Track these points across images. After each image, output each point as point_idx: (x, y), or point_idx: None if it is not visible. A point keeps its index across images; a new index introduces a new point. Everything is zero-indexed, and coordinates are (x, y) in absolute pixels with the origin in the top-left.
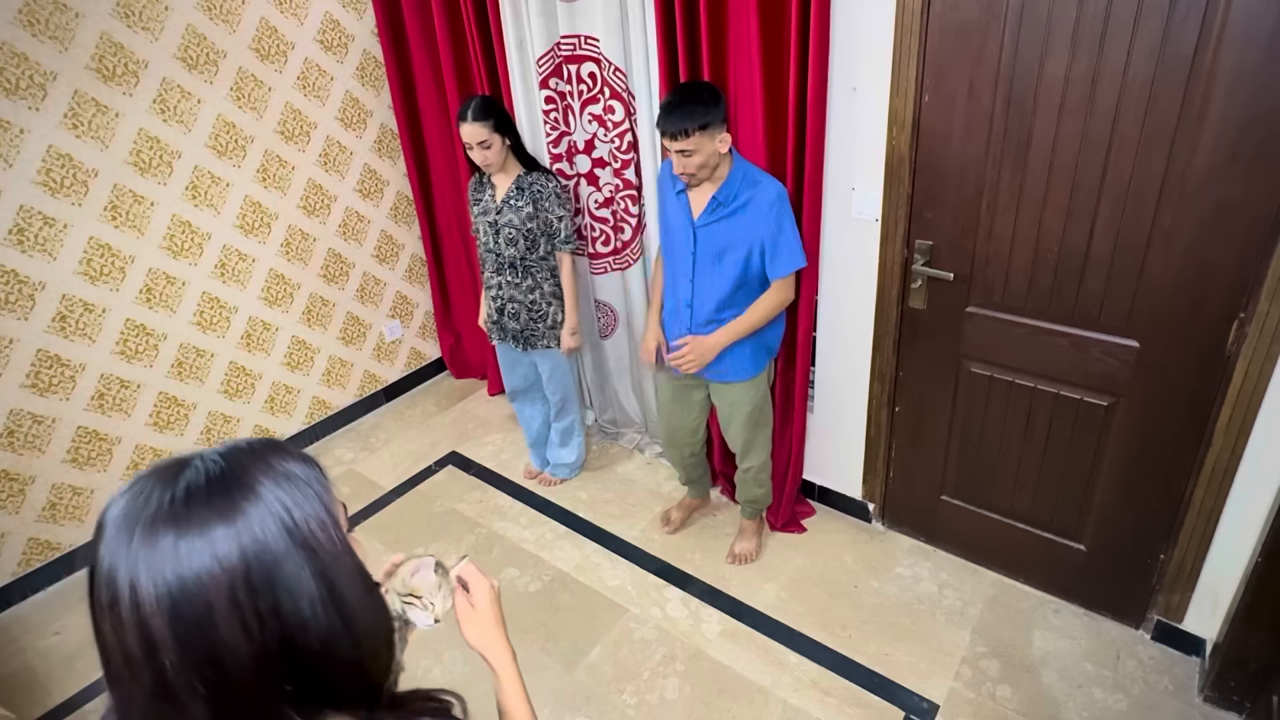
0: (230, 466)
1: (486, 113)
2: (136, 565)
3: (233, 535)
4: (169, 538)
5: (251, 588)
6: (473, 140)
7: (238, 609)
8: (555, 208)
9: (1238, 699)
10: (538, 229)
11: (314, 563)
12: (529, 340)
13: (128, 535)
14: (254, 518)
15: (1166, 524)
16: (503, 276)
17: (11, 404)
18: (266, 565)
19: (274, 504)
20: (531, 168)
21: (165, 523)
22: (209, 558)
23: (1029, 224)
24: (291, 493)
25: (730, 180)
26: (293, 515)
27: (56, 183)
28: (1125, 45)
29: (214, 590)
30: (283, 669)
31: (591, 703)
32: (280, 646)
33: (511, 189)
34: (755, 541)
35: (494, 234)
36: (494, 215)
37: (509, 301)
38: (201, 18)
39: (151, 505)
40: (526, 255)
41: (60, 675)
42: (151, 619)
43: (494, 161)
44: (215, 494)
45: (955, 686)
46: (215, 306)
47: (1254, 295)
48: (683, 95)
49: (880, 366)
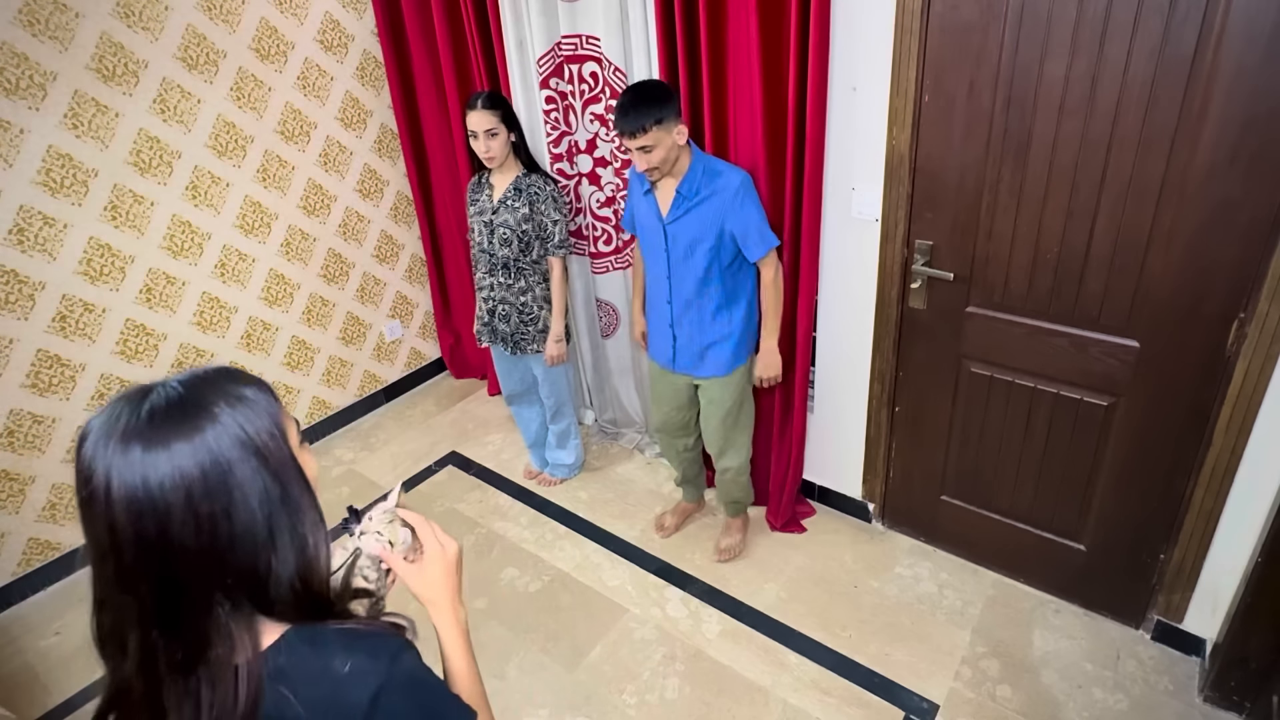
0: (189, 392)
1: (497, 103)
2: (110, 469)
3: (190, 451)
4: (137, 449)
5: (207, 493)
6: (481, 127)
7: (193, 511)
8: (551, 211)
9: (1238, 699)
10: (532, 231)
11: (265, 468)
12: (519, 344)
13: (105, 444)
14: (210, 435)
15: (1166, 524)
16: (495, 278)
17: (11, 404)
18: (221, 473)
19: (230, 424)
20: (531, 169)
21: (134, 436)
22: (170, 468)
23: (1029, 224)
24: (244, 412)
25: (691, 173)
26: (246, 430)
27: (56, 183)
28: (1125, 45)
29: (172, 495)
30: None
31: (591, 703)
32: (228, 545)
33: (509, 189)
34: (740, 536)
35: (489, 234)
36: (489, 215)
37: (500, 303)
38: (201, 18)
39: (122, 422)
40: (520, 257)
41: (60, 675)
42: (117, 515)
43: (497, 154)
44: (176, 414)
45: (955, 686)
46: (215, 306)
47: (1254, 295)
48: (634, 95)
49: (880, 366)
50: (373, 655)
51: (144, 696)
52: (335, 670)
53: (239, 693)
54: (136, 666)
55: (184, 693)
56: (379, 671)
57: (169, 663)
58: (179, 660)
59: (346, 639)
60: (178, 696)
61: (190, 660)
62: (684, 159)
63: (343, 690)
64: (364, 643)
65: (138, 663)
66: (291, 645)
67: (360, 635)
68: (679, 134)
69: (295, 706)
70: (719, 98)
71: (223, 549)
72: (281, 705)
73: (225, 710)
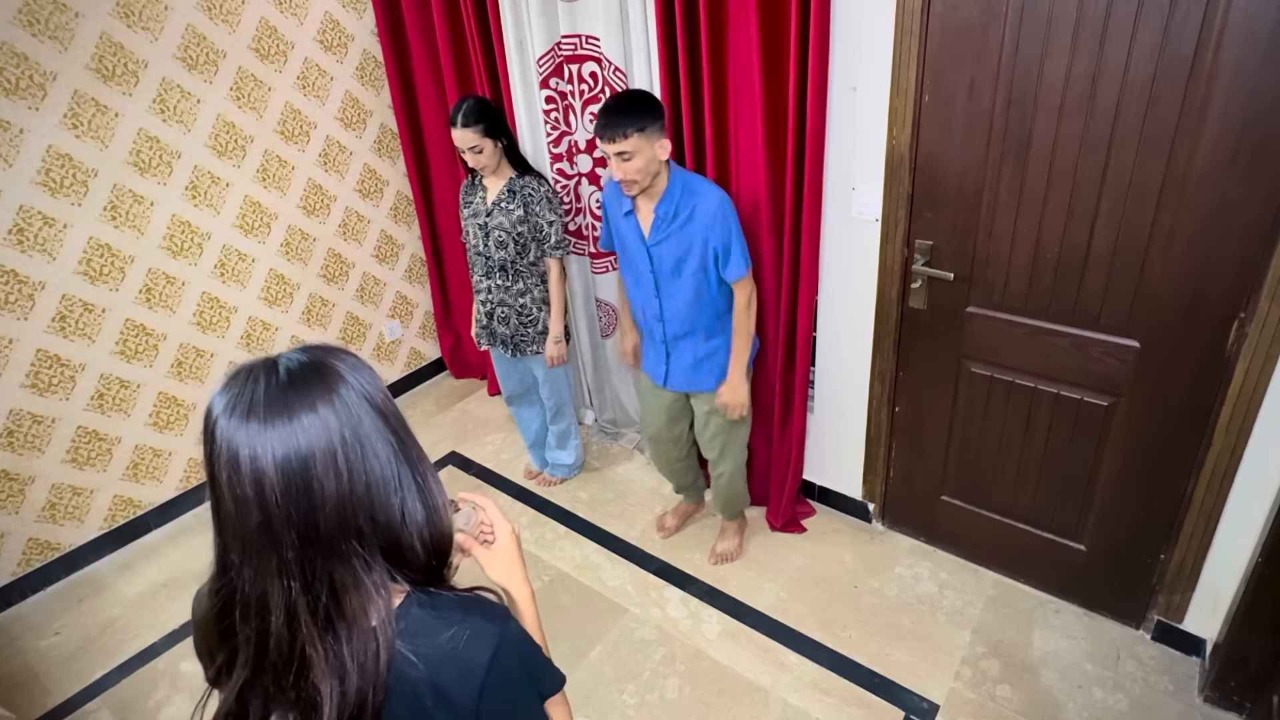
0: (313, 359)
1: (478, 116)
2: (254, 440)
3: (332, 410)
4: (280, 406)
5: (344, 440)
6: (463, 145)
7: (332, 455)
8: (546, 212)
9: (1238, 699)
10: (528, 233)
11: (386, 423)
12: (519, 346)
13: (243, 418)
14: (344, 395)
15: (1166, 524)
16: (492, 280)
17: (11, 404)
18: (355, 427)
19: (354, 383)
20: (524, 171)
21: (275, 396)
22: (319, 428)
23: (1029, 224)
24: (362, 373)
25: (670, 192)
26: (367, 389)
27: (56, 183)
28: (1125, 45)
29: (321, 451)
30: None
31: (591, 703)
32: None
33: (503, 191)
34: (737, 540)
35: (484, 236)
36: (484, 218)
37: (499, 306)
38: (201, 18)
39: (260, 392)
40: (517, 260)
41: (60, 675)
42: (265, 477)
43: (488, 165)
44: (311, 379)
45: (955, 686)
46: (215, 306)
47: (1254, 295)
48: (620, 100)
49: (880, 366)
50: (488, 618)
51: (289, 651)
52: (457, 632)
53: (378, 647)
54: (284, 621)
55: (327, 646)
56: (495, 633)
57: (310, 615)
58: (322, 613)
59: (463, 604)
60: (323, 649)
61: (331, 613)
62: (662, 177)
63: (465, 650)
64: (479, 607)
65: (284, 617)
66: (412, 609)
67: (474, 601)
68: (661, 148)
69: (418, 666)
70: (719, 98)
71: (360, 496)
72: (404, 664)
73: (366, 664)
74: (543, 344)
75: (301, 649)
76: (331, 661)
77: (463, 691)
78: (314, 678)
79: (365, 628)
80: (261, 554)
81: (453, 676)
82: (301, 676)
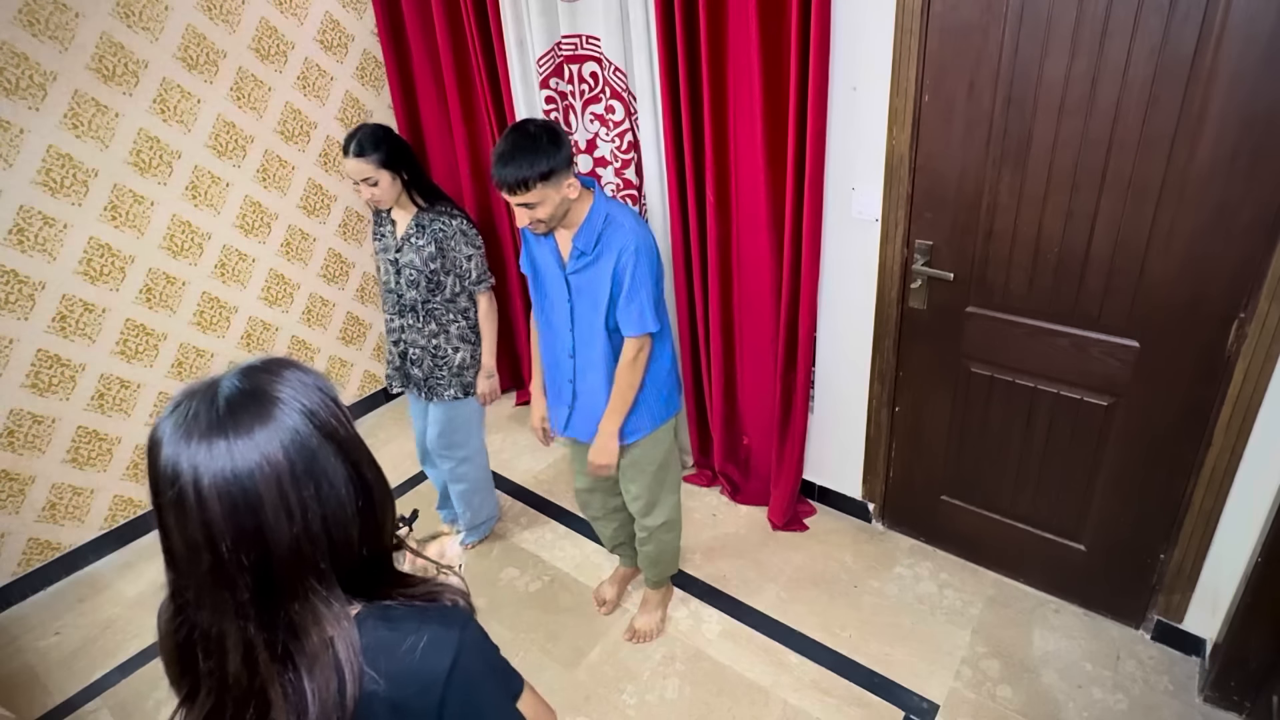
0: (253, 382)
1: (374, 145)
2: (196, 466)
3: (273, 434)
4: (222, 443)
5: (295, 478)
6: (356, 176)
7: (284, 497)
8: (463, 247)
9: (1238, 699)
10: (441, 270)
11: (338, 449)
12: (432, 389)
13: (185, 441)
14: (284, 419)
15: (1166, 524)
16: (404, 319)
17: (11, 404)
18: (305, 457)
19: (297, 406)
20: (434, 201)
21: (215, 430)
22: (257, 455)
23: (1029, 224)
24: (308, 394)
25: (590, 221)
26: (313, 412)
27: (56, 183)
28: (1125, 45)
29: (263, 482)
30: (321, 547)
31: (591, 703)
32: (321, 526)
33: (411, 225)
34: (660, 614)
35: (395, 274)
36: (394, 254)
37: (411, 347)
38: (201, 18)
39: (201, 418)
40: (429, 299)
41: (60, 675)
42: (210, 510)
43: (384, 199)
44: (250, 403)
45: (955, 686)
46: (215, 306)
47: (1254, 295)
48: (515, 142)
49: (880, 366)
50: (445, 625)
51: (247, 691)
52: (414, 643)
53: (343, 676)
54: (241, 661)
55: (286, 684)
56: (453, 639)
57: (269, 654)
58: (279, 651)
59: (419, 613)
60: (282, 688)
61: (290, 650)
62: (579, 208)
63: (422, 661)
64: (435, 615)
65: (240, 658)
66: (368, 625)
67: (429, 610)
68: (569, 188)
69: (378, 681)
70: (719, 98)
71: (316, 534)
72: (367, 683)
73: (329, 695)
74: (457, 386)
75: (261, 688)
76: (291, 698)
77: (422, 702)
78: (274, 715)
79: (327, 662)
80: (216, 596)
81: (412, 690)
82: (262, 715)
